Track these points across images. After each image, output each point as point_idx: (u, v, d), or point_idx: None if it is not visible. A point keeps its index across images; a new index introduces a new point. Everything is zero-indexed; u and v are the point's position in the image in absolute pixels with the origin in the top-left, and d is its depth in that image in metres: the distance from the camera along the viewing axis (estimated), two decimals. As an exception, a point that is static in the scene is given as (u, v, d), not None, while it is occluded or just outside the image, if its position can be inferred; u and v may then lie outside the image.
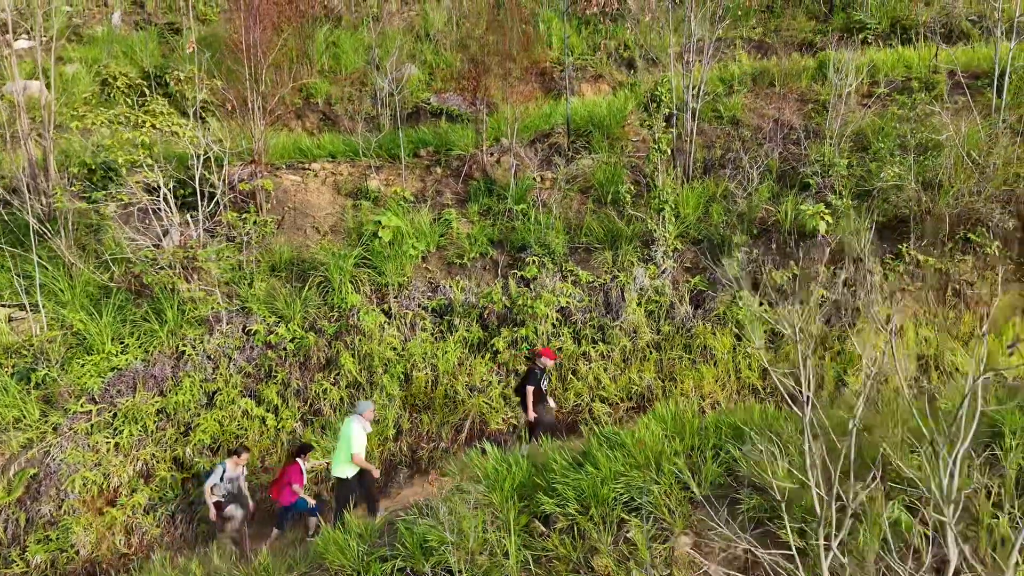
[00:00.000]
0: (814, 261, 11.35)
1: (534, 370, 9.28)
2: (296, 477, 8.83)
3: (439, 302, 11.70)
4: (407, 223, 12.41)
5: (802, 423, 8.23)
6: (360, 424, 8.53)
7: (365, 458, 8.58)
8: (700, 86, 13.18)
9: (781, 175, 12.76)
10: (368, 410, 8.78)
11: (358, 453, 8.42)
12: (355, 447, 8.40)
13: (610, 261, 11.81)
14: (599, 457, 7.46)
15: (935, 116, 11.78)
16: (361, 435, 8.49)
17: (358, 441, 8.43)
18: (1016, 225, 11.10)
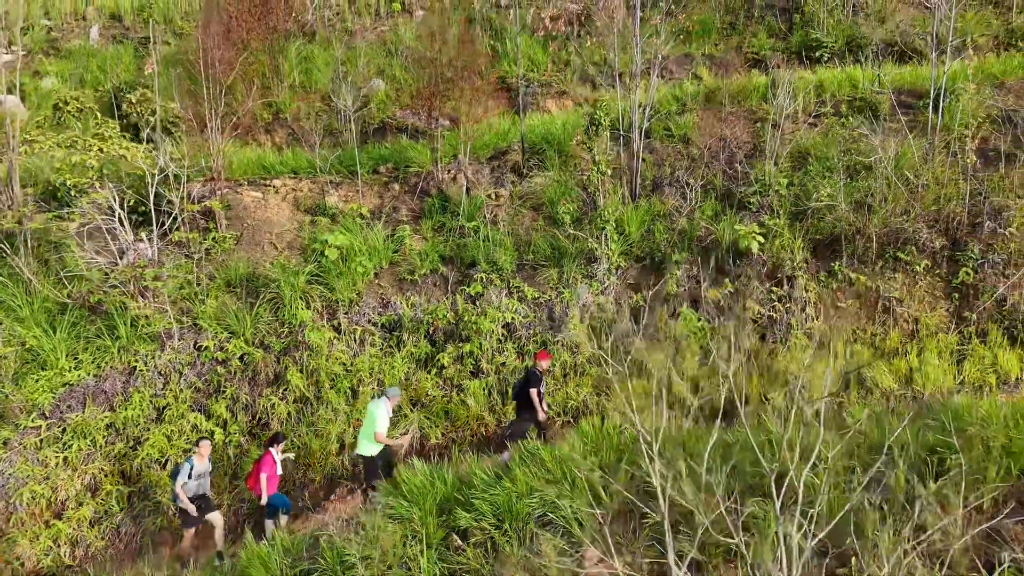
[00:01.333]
0: (749, 278, 11.73)
1: (535, 373, 9.57)
2: (268, 467, 9.14)
3: (389, 318, 12.04)
4: (361, 240, 12.75)
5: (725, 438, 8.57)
6: (386, 407, 9.30)
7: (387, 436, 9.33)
8: (646, 106, 13.55)
9: (725, 193, 13.15)
10: (396, 396, 9.58)
11: (380, 432, 9.14)
12: (379, 426, 9.14)
13: (555, 278, 12.16)
14: (517, 472, 7.81)
15: (867, 138, 12.17)
16: (384, 417, 9.24)
17: (381, 422, 9.16)
18: (944, 244, 11.51)
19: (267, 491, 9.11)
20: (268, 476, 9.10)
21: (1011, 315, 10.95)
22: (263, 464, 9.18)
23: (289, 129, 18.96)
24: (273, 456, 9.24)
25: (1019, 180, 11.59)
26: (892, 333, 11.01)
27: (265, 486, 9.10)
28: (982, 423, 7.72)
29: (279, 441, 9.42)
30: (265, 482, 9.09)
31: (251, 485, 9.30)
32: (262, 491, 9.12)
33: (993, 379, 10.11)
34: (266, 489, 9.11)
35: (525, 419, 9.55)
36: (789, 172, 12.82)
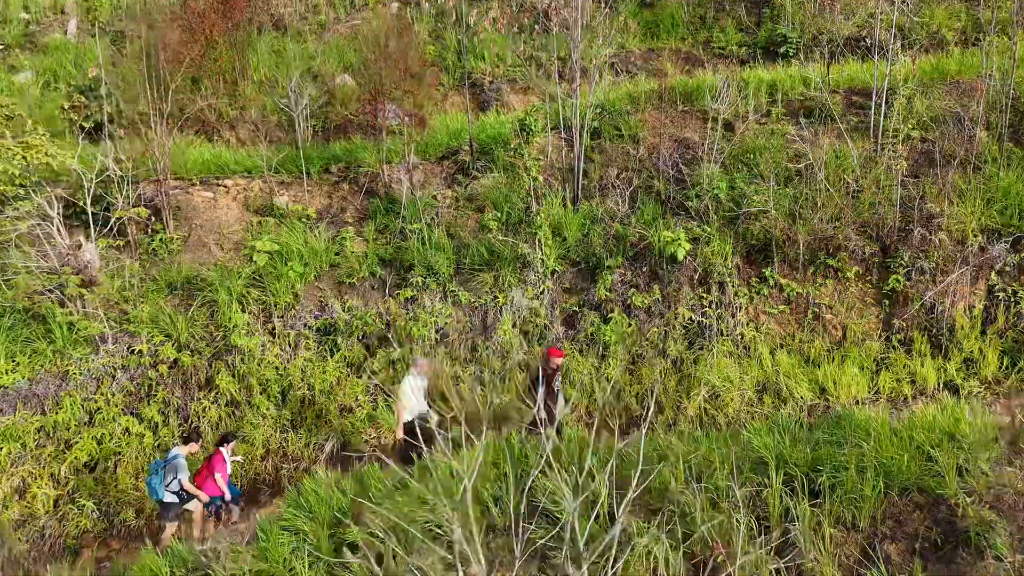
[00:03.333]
0: (680, 284, 11.75)
1: (546, 370, 9.35)
2: (220, 466, 9.27)
3: (324, 322, 12.16)
4: (301, 243, 12.85)
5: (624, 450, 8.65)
6: (412, 377, 9.48)
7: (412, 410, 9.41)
8: (592, 107, 13.51)
9: (668, 197, 13.12)
10: (423, 363, 9.70)
11: (403, 404, 9.33)
12: (403, 399, 9.32)
13: (491, 282, 12.22)
14: (411, 485, 7.93)
15: (802, 141, 12.09)
16: (409, 389, 9.37)
17: (405, 395, 9.33)
18: (875, 250, 11.47)
19: (210, 490, 9.25)
20: (222, 475, 9.27)
21: (938, 323, 10.92)
22: (214, 464, 9.30)
23: (253, 126, 19.02)
24: (223, 456, 9.40)
25: (953, 184, 11.50)
26: (817, 341, 11.02)
27: (222, 483, 9.27)
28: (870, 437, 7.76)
29: (229, 441, 9.58)
30: (221, 481, 9.27)
31: (199, 484, 9.46)
32: (221, 489, 9.26)
33: (908, 389, 10.12)
34: (223, 485, 9.27)
35: (551, 412, 9.40)
36: (731, 175, 12.77)
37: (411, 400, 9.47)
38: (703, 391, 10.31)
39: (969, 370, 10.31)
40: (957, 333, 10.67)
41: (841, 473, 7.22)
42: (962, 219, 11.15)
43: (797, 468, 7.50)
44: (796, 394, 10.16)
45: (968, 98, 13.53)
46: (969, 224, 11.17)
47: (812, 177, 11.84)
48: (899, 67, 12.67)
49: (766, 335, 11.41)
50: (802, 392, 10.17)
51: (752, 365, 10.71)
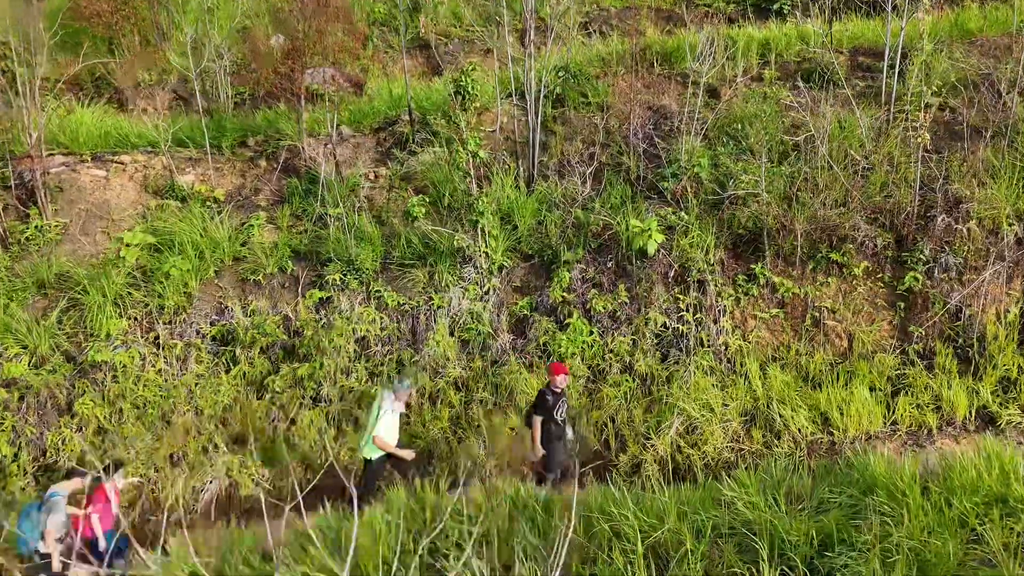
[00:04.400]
0: (653, 283, 9.67)
1: (545, 395, 7.54)
2: (100, 504, 7.30)
3: (222, 329, 10.00)
4: (199, 232, 10.63)
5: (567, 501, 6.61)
6: (390, 402, 7.73)
7: (395, 444, 7.78)
8: (547, 71, 11.30)
9: (639, 176, 10.99)
10: (404, 391, 7.88)
11: (379, 435, 7.62)
12: (378, 427, 7.62)
13: (425, 280, 10.09)
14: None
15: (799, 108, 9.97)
16: (388, 417, 7.70)
17: (382, 423, 7.65)
18: (889, 242, 9.42)
19: (100, 529, 7.23)
20: (100, 515, 7.25)
21: (965, 332, 8.93)
22: (96, 499, 7.31)
23: (174, 94, 16.60)
24: (106, 491, 7.39)
25: (985, 162, 9.44)
26: (818, 354, 9.00)
27: (97, 527, 7.22)
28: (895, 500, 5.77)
29: (117, 469, 7.50)
30: (96, 524, 7.22)
31: (76, 525, 7.39)
32: (95, 531, 7.23)
33: (933, 420, 8.13)
34: (98, 528, 7.22)
35: (553, 448, 7.61)
36: (715, 151, 10.64)
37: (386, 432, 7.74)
38: (676, 422, 8.26)
39: (1007, 393, 8.34)
40: (989, 345, 8.68)
41: (858, 562, 5.22)
42: (995, 203, 9.10)
43: (797, 551, 5.49)
44: (792, 425, 8.14)
45: (995, 59, 11.46)
46: (1003, 210, 9.13)
47: (813, 153, 9.74)
48: (915, 22, 10.52)
49: (755, 345, 9.38)
50: (800, 423, 8.14)
51: (738, 386, 8.68)
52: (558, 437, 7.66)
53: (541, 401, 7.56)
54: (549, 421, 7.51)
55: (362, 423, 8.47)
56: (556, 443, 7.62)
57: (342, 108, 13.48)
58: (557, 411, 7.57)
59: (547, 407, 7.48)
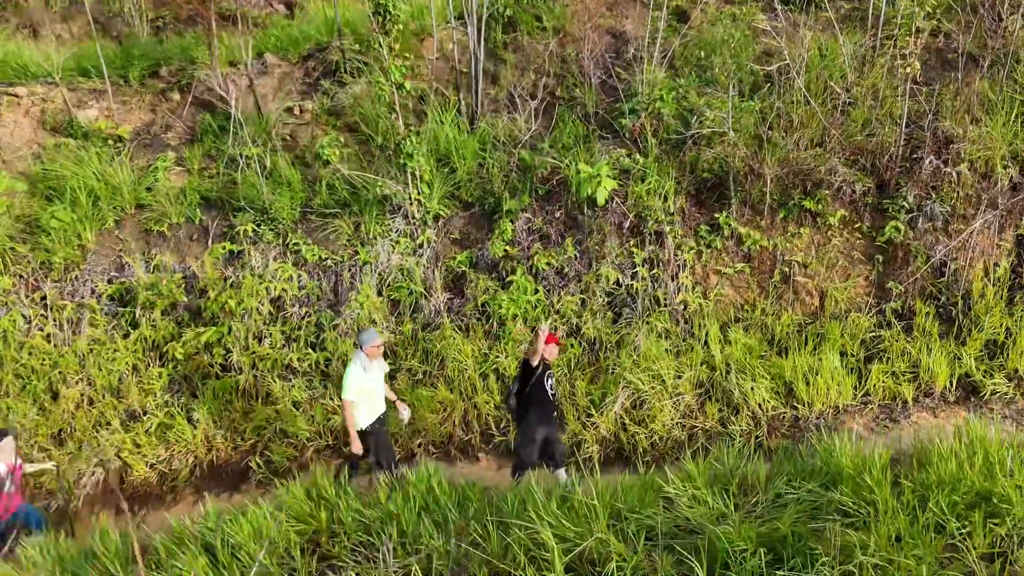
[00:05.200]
0: (606, 235, 8.60)
1: (528, 366, 6.40)
2: None
3: (120, 287, 8.84)
4: (96, 175, 9.34)
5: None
6: (358, 363, 6.53)
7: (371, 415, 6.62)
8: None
9: (595, 112, 9.75)
10: (369, 344, 6.53)
11: (346, 399, 6.48)
12: (345, 390, 6.48)
13: (351, 232, 8.93)
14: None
15: (776, 33, 8.71)
16: (356, 376, 6.48)
17: (350, 383, 6.47)
18: (869, 188, 8.36)
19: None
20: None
21: (949, 289, 8.00)
22: None
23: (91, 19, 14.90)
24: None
25: (980, 95, 8.32)
26: (785, 314, 8.05)
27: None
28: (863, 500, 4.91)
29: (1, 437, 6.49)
30: None
31: None
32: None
33: (910, 391, 7.25)
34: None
35: (524, 434, 6.49)
36: (679, 84, 9.38)
37: (362, 397, 6.54)
38: (622, 396, 7.32)
39: (993, 359, 7.47)
40: (975, 304, 7.77)
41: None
42: (989, 143, 8.03)
43: (743, 564, 4.63)
44: (752, 399, 7.23)
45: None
46: (998, 151, 8.07)
47: (788, 85, 8.55)
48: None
49: (717, 305, 8.41)
50: (760, 396, 7.23)
51: (694, 352, 7.73)
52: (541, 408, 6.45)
53: (523, 373, 6.43)
54: (533, 395, 6.37)
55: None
56: (535, 411, 6.42)
57: (268, 33, 11.99)
58: (546, 381, 6.41)
59: (530, 378, 6.34)
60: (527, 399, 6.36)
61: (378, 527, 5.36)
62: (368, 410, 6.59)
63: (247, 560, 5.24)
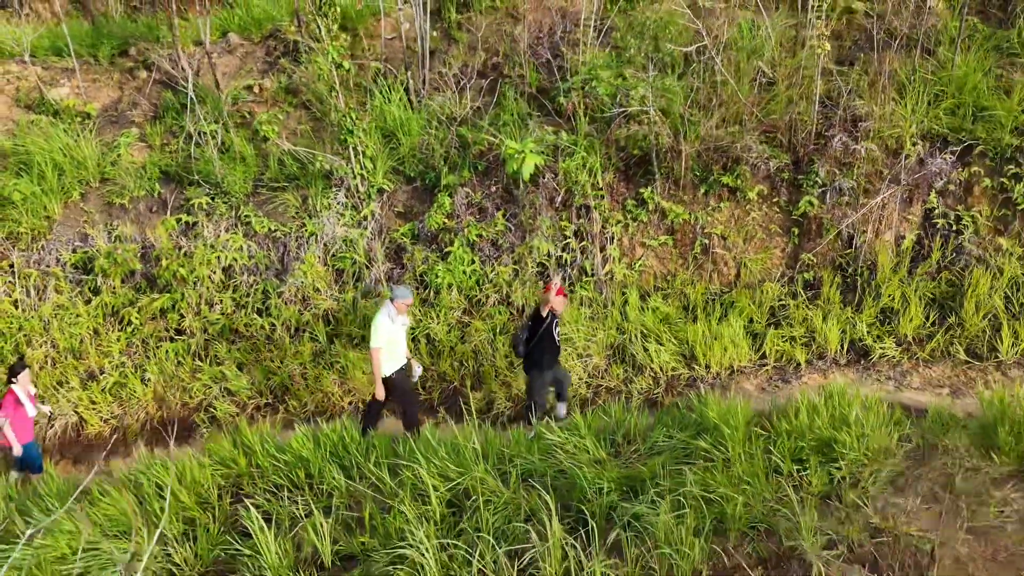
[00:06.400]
0: (538, 209, 9.08)
1: (538, 316, 6.93)
2: (9, 408, 7.08)
3: (83, 256, 9.41)
4: (62, 150, 9.87)
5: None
6: (386, 312, 6.97)
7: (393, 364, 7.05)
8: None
9: (538, 90, 10.17)
10: (401, 299, 7.00)
11: (374, 347, 6.89)
12: (374, 338, 6.89)
13: (298, 204, 9.45)
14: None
15: (706, 13, 9.08)
16: (382, 326, 6.91)
17: (375, 334, 6.89)
18: (785, 164, 8.79)
19: (17, 440, 7.05)
20: (12, 421, 7.03)
21: (856, 260, 8.47)
22: (4, 407, 7.08)
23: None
24: (16, 395, 7.13)
25: (891, 75, 8.70)
26: (699, 284, 8.55)
27: (12, 435, 7.03)
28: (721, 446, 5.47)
29: (17, 372, 7.24)
30: (9, 430, 7.01)
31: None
32: (10, 441, 7.06)
33: (803, 355, 7.76)
34: (14, 439, 7.04)
35: (536, 379, 7.06)
36: (617, 64, 9.77)
37: (388, 347, 6.99)
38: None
39: (886, 325, 7.95)
40: (879, 273, 8.24)
41: (654, 511, 4.94)
42: (898, 122, 8.44)
43: (602, 499, 5.20)
44: (656, 361, 7.76)
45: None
46: (908, 129, 8.47)
47: (711, 66, 8.95)
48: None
49: (642, 275, 8.91)
50: (663, 358, 7.77)
51: (611, 317, 8.25)
52: (552, 361, 7.07)
53: (534, 321, 6.96)
54: (545, 342, 6.93)
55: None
56: (547, 368, 7.02)
57: (233, 13, 12.40)
58: (555, 328, 6.96)
59: (539, 327, 6.89)
60: (539, 345, 6.92)
61: (287, 470, 5.95)
62: (392, 359, 7.06)
63: (172, 498, 5.85)
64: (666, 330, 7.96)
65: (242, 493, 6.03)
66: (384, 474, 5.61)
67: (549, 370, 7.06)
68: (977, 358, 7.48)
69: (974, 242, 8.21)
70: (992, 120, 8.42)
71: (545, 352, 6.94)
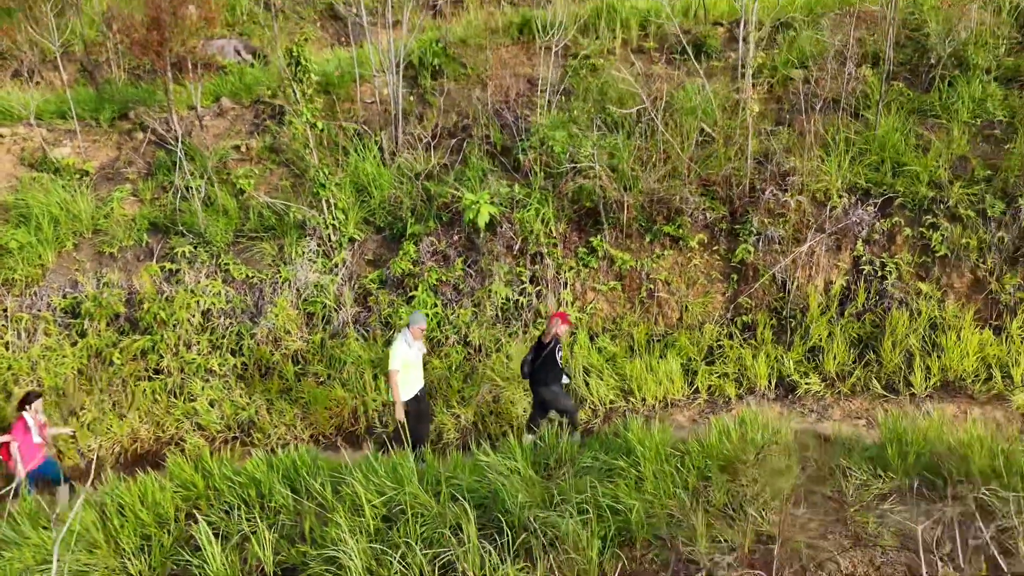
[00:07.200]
0: (497, 255, 9.77)
1: (541, 343, 7.55)
2: (19, 434, 7.63)
3: (72, 301, 10.08)
4: (59, 205, 10.67)
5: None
6: (403, 339, 7.53)
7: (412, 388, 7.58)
8: (404, 44, 11.27)
9: (502, 148, 11.02)
10: (415, 324, 7.59)
11: (392, 369, 7.42)
12: (390, 363, 7.44)
13: (275, 252, 10.16)
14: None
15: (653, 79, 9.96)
16: (399, 351, 7.45)
17: (392, 357, 7.44)
18: (723, 214, 9.51)
19: (22, 464, 7.59)
20: (20, 445, 7.60)
21: (788, 303, 9.07)
22: (13, 431, 7.68)
23: (79, 64, 16.50)
24: (27, 421, 7.71)
25: (817, 134, 9.50)
26: (642, 325, 9.14)
27: (18, 457, 7.58)
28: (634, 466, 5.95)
29: (30, 401, 7.82)
30: (17, 452, 7.58)
31: (5, 455, 7.80)
32: (15, 464, 7.61)
33: (733, 390, 8.30)
34: (20, 461, 7.58)
35: (542, 390, 7.57)
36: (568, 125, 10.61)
37: (405, 371, 7.52)
38: (483, 390, 8.43)
39: (812, 362, 8.50)
40: (809, 315, 8.83)
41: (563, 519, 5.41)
42: (822, 176, 9.18)
43: (522, 512, 5.68)
44: (596, 395, 8.30)
45: (868, 30, 11.45)
46: (834, 183, 9.21)
47: (651, 125, 9.78)
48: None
49: (593, 316, 9.52)
50: (603, 392, 8.31)
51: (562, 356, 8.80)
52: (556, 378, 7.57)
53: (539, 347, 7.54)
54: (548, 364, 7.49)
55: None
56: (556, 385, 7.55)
57: (226, 80, 13.43)
58: (557, 353, 7.54)
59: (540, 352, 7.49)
60: (543, 367, 7.48)
61: (241, 490, 6.44)
62: (409, 382, 7.55)
63: (131, 516, 6.33)
64: (609, 367, 8.51)
65: (199, 512, 6.49)
66: (327, 491, 6.09)
67: (552, 387, 7.55)
68: (893, 392, 7.99)
69: (897, 287, 8.83)
70: (910, 175, 9.16)
71: (548, 372, 7.49)
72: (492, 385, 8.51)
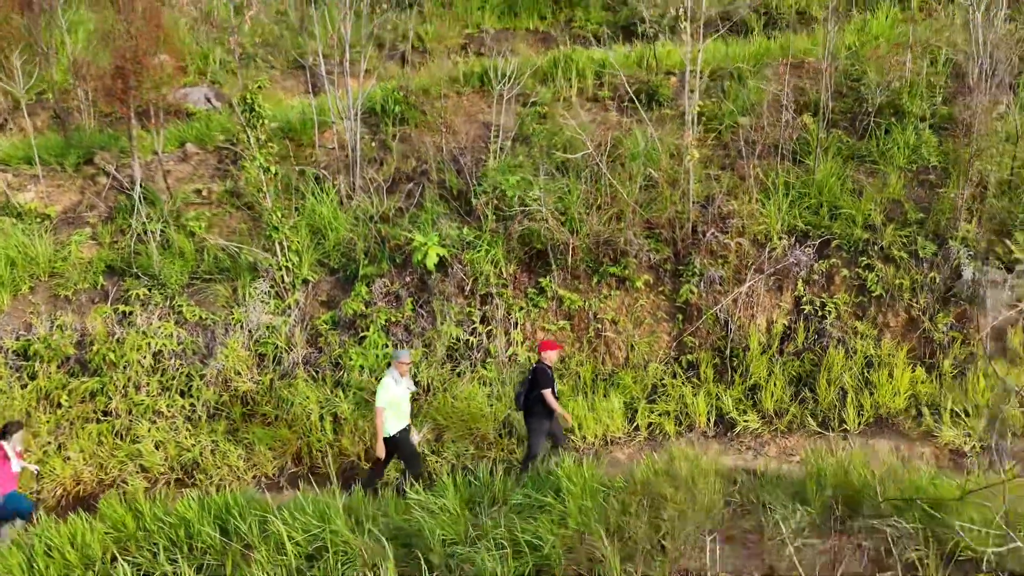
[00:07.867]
0: (448, 296, 9.91)
1: (544, 370, 7.60)
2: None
3: (24, 343, 10.09)
4: (16, 248, 10.76)
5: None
6: (391, 376, 7.70)
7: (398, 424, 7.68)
8: (362, 93, 11.63)
9: (457, 193, 11.27)
10: (400, 360, 7.78)
11: (378, 406, 7.58)
12: (377, 399, 7.61)
13: (228, 294, 10.26)
14: None
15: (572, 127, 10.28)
16: (387, 388, 7.63)
17: (379, 396, 7.61)
18: (667, 255, 9.74)
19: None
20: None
21: (729, 342, 9.24)
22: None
23: (51, 111, 16.77)
24: (5, 450, 7.65)
25: (757, 178, 9.82)
26: (589, 364, 9.26)
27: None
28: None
29: (10, 432, 7.78)
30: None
31: None
32: None
33: (672, 427, 8.40)
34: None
35: (536, 432, 7.63)
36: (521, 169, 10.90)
37: (392, 407, 7.63)
38: (424, 429, 8.48)
39: (750, 400, 8.63)
40: (749, 353, 8.99)
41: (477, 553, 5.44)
42: (763, 219, 9.47)
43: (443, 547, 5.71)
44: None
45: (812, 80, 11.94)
46: (773, 224, 9.50)
47: (584, 171, 10.10)
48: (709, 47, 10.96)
49: (541, 356, 9.62)
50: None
51: (507, 395, 8.90)
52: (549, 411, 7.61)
53: (541, 376, 7.57)
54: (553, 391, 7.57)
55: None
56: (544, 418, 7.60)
57: (192, 126, 13.72)
58: (554, 384, 7.64)
59: (550, 380, 7.55)
60: (537, 398, 7.55)
61: (170, 531, 6.42)
62: (396, 419, 7.64)
63: (58, 557, 6.28)
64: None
65: (127, 553, 6.45)
66: (254, 531, 6.09)
67: (547, 419, 7.61)
68: (828, 428, 8.12)
69: (836, 326, 9.03)
70: (847, 217, 9.47)
71: (541, 402, 7.56)
72: (433, 425, 8.55)
